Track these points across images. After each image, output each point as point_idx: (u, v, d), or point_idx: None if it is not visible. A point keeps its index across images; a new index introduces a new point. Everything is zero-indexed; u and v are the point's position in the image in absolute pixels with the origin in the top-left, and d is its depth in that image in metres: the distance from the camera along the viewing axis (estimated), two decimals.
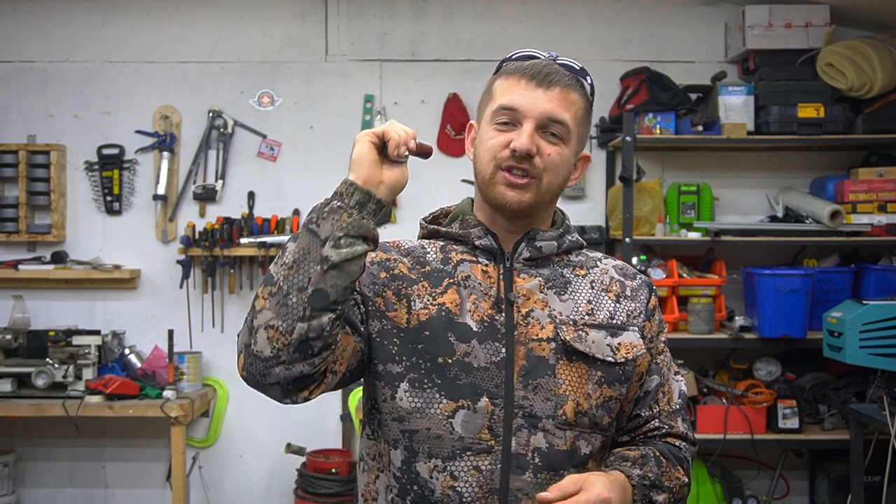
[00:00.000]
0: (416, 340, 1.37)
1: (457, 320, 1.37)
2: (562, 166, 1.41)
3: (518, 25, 4.23)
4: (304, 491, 3.96)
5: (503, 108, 1.40)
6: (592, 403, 1.39)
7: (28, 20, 4.26)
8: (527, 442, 1.35)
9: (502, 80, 1.43)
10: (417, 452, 1.36)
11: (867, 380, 3.69)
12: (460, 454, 1.34)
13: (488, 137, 1.41)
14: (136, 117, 4.25)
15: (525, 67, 1.41)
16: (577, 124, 1.42)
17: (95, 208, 4.26)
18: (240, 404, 4.27)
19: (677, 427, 1.49)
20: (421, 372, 1.36)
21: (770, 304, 3.70)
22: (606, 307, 1.44)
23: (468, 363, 1.35)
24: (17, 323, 4.09)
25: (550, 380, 1.36)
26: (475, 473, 1.34)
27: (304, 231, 1.27)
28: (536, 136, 1.38)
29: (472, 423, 1.34)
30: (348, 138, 4.27)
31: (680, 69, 4.16)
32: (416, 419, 1.36)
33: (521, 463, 1.34)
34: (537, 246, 1.44)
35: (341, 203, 1.27)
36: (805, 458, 4.14)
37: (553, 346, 1.38)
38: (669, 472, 1.42)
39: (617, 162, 4.13)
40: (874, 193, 3.85)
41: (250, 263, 4.19)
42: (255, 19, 4.26)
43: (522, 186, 1.38)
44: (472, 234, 1.44)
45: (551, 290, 1.42)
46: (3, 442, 4.21)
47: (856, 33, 4.05)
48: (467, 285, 1.41)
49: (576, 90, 1.42)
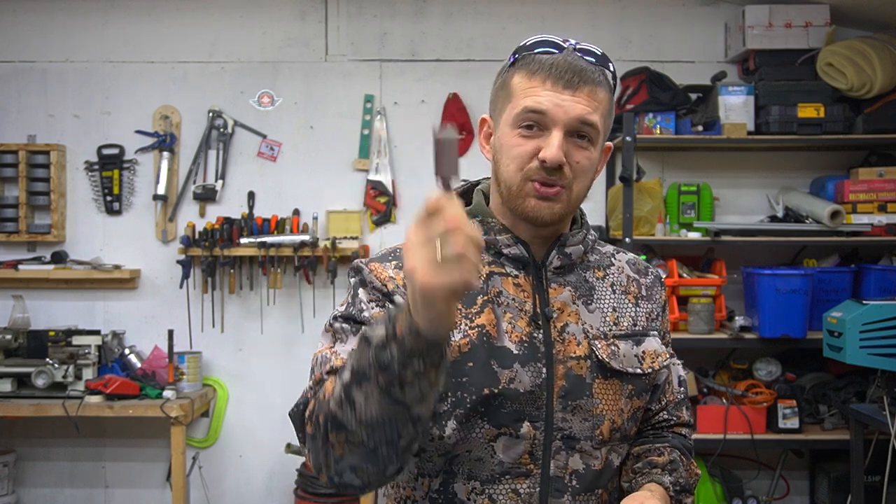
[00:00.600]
0: (461, 374, 1.27)
1: (496, 345, 1.29)
2: (591, 170, 1.33)
3: (518, 25, 4.23)
4: (304, 491, 3.96)
5: (528, 111, 1.28)
6: (625, 418, 1.36)
7: (28, 20, 4.26)
8: (565, 465, 1.31)
9: (523, 77, 1.30)
10: (456, 474, 1.31)
11: (867, 380, 3.69)
12: (500, 478, 1.30)
13: (513, 144, 1.30)
14: (136, 117, 4.25)
15: (550, 66, 1.28)
16: (604, 120, 1.32)
17: (95, 208, 4.26)
18: (240, 404, 4.27)
19: (683, 416, 1.49)
20: (467, 406, 1.28)
21: (770, 304, 3.70)
22: (629, 313, 1.40)
23: (514, 389, 1.28)
24: (17, 323, 4.09)
25: (588, 400, 1.32)
26: (513, 496, 1.30)
27: (383, 395, 1.08)
28: (566, 144, 1.28)
29: (514, 449, 1.29)
30: (348, 138, 4.30)
31: (680, 69, 4.16)
32: (458, 445, 1.30)
33: (559, 486, 1.31)
34: (567, 252, 1.37)
35: (424, 364, 1.07)
36: (805, 458, 4.14)
37: (589, 363, 1.33)
38: (690, 470, 1.43)
39: (617, 162, 4.13)
40: (874, 193, 3.85)
41: (250, 263, 4.19)
42: (255, 19, 4.26)
43: (553, 197, 1.29)
44: (500, 242, 1.35)
45: (580, 301, 1.36)
46: (3, 442, 4.21)
47: (856, 33, 4.05)
48: (500, 302, 1.32)
49: (602, 86, 1.31)
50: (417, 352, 1.06)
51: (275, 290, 4.20)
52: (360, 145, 4.24)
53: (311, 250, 4.08)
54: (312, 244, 4.06)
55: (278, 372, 4.23)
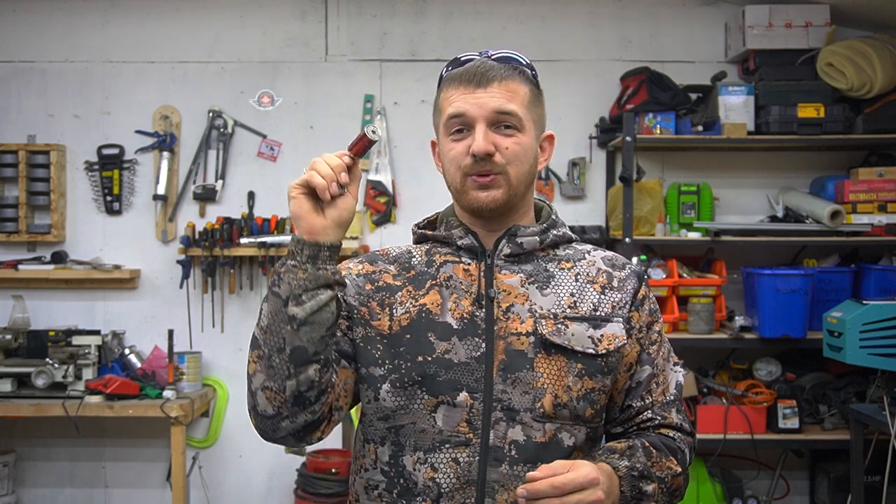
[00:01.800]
0: (398, 344, 1.41)
1: (437, 320, 1.42)
2: (524, 154, 1.44)
3: (518, 25, 4.23)
4: (304, 491, 3.96)
5: (452, 117, 1.44)
6: (573, 396, 1.40)
7: (28, 20, 4.26)
8: (504, 435, 1.37)
9: (444, 91, 1.47)
10: (404, 446, 1.40)
11: (867, 380, 3.69)
12: (440, 446, 1.38)
13: (448, 149, 1.46)
14: (136, 117, 4.25)
15: (460, 73, 1.45)
16: (528, 109, 1.45)
17: (95, 208, 4.26)
18: (240, 404, 4.27)
19: (671, 418, 1.49)
20: (402, 372, 1.40)
21: (770, 304, 3.70)
22: (590, 299, 1.45)
23: (448, 359, 1.39)
24: (17, 323, 4.09)
25: (529, 373, 1.39)
26: (454, 465, 1.37)
27: (269, 294, 1.33)
28: (490, 134, 1.41)
29: (452, 417, 1.38)
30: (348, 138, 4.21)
31: (680, 69, 4.16)
32: (400, 416, 1.40)
33: (498, 455, 1.37)
34: (518, 242, 1.46)
35: (295, 261, 1.33)
36: (805, 458, 4.14)
37: (532, 339, 1.40)
38: (660, 463, 1.42)
39: (617, 162, 4.13)
40: (874, 193, 3.85)
41: (250, 263, 4.19)
42: (255, 19, 4.26)
43: (490, 184, 1.42)
44: (455, 235, 1.48)
45: (533, 285, 1.45)
46: (3, 442, 4.21)
47: (856, 33, 4.05)
48: (449, 285, 1.45)
49: (514, 78, 1.44)
50: (290, 251, 1.34)
51: None
52: None
53: None
54: None
55: None
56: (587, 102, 4.21)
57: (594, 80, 4.20)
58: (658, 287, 3.78)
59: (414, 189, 4.23)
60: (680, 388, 1.53)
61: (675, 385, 1.52)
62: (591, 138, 4.20)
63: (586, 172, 4.22)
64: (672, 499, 1.46)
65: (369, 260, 1.53)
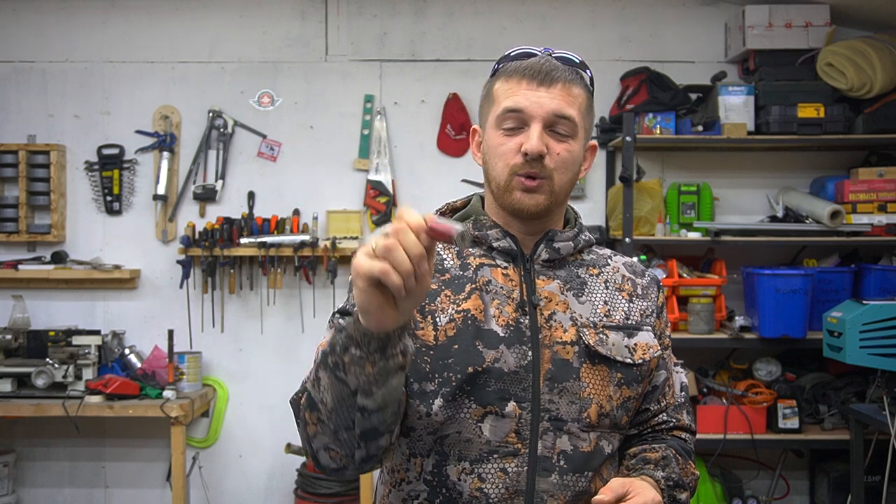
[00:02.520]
0: (447, 355, 1.35)
1: (483, 327, 1.36)
2: (572, 162, 1.41)
3: (518, 25, 4.23)
4: (304, 491, 3.96)
5: (508, 111, 1.38)
6: (614, 405, 1.40)
7: (28, 20, 4.26)
8: (552, 445, 1.35)
9: (502, 82, 1.41)
10: (448, 456, 1.36)
11: (867, 380, 3.70)
12: (487, 457, 1.34)
13: (498, 143, 1.39)
14: (136, 117, 4.25)
15: (524, 67, 1.39)
16: (583, 116, 1.42)
17: (95, 208, 4.26)
18: (240, 404, 4.27)
19: (683, 420, 1.53)
20: (452, 385, 1.34)
21: (770, 304, 3.70)
22: (621, 307, 1.46)
23: (498, 368, 1.35)
24: (17, 323, 4.09)
25: (575, 383, 1.37)
26: (502, 475, 1.34)
27: (332, 376, 1.18)
28: (545, 136, 1.37)
29: (500, 427, 1.34)
30: (348, 138, 4.29)
31: (680, 69, 4.16)
32: (447, 425, 1.36)
33: (546, 465, 1.35)
34: (555, 247, 1.44)
35: (361, 352, 1.15)
36: (805, 458, 4.14)
37: (576, 349, 1.38)
38: (686, 469, 1.46)
39: (617, 162, 4.13)
40: (874, 193, 3.85)
41: (250, 263, 4.19)
42: (255, 19, 4.26)
43: (536, 189, 1.37)
44: (490, 237, 1.43)
45: (570, 292, 1.42)
46: (3, 442, 4.21)
47: (856, 33, 4.05)
48: (489, 290, 1.39)
49: (577, 84, 1.41)
50: (355, 340, 1.15)
51: (275, 290, 4.20)
52: (360, 145, 4.24)
53: (312, 250, 4.08)
54: (312, 244, 4.06)
55: (278, 372, 4.23)
56: None
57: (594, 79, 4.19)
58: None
59: (414, 189, 4.23)
60: (686, 388, 1.56)
61: (680, 386, 1.55)
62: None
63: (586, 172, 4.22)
64: None
65: None
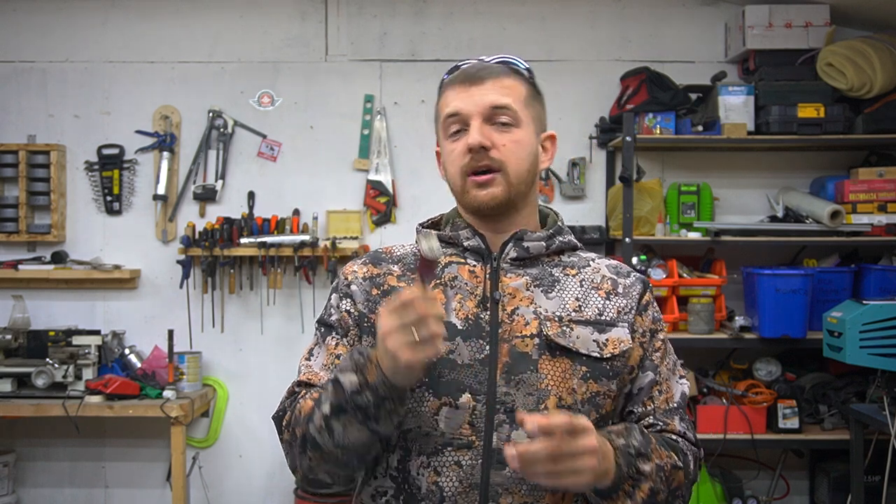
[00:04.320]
0: None
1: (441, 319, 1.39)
2: (522, 150, 1.44)
3: (518, 25, 4.23)
4: (304, 491, 3.96)
5: (448, 117, 1.45)
6: (578, 399, 1.39)
7: (28, 20, 4.26)
8: (508, 437, 1.35)
9: (442, 97, 1.49)
10: (410, 451, 1.39)
11: (867, 380, 3.69)
12: (442, 450, 1.36)
13: (448, 150, 1.46)
14: (136, 117, 4.25)
15: (454, 76, 1.48)
16: (525, 105, 1.45)
17: (95, 208, 4.26)
18: (240, 404, 4.27)
19: (673, 425, 1.47)
20: None
21: (770, 304, 3.70)
22: (595, 304, 1.45)
23: (452, 360, 1.37)
24: (17, 323, 4.09)
25: (533, 375, 1.37)
26: (456, 468, 1.35)
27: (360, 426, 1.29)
28: (486, 129, 1.42)
29: (454, 419, 1.36)
30: (348, 138, 4.29)
31: (680, 69, 4.16)
32: (408, 419, 1.38)
33: (501, 458, 1.33)
34: (524, 246, 1.46)
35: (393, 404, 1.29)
36: (805, 458, 4.13)
37: (536, 341, 1.39)
38: (659, 451, 1.38)
39: (617, 162, 4.13)
40: (874, 193, 3.85)
41: (250, 263, 4.19)
42: (255, 19, 4.26)
43: (488, 182, 1.42)
44: (461, 236, 1.47)
45: (538, 289, 1.44)
46: (3, 442, 4.21)
47: (856, 33, 4.05)
48: (454, 285, 1.43)
49: (508, 76, 1.45)
50: (389, 397, 1.27)
51: (275, 290, 4.20)
52: (360, 145, 4.24)
53: (312, 250, 4.08)
54: (312, 244, 4.06)
55: (278, 372, 4.22)
56: (587, 102, 4.21)
57: (594, 80, 4.20)
58: (658, 287, 3.78)
59: (414, 189, 4.23)
60: (685, 398, 1.51)
61: (679, 395, 1.50)
62: (591, 138, 4.20)
63: (586, 172, 4.22)
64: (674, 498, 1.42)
65: (373, 261, 1.51)
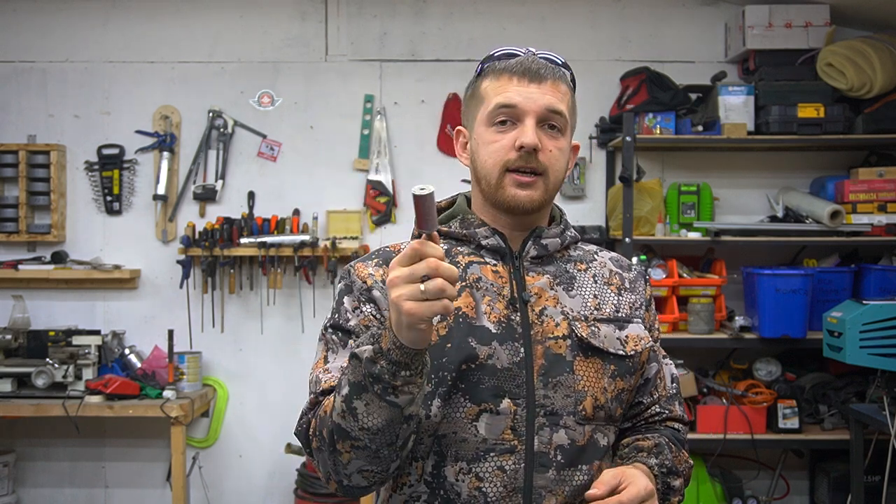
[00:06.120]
0: (441, 355, 1.35)
1: (475, 324, 1.37)
2: (563, 158, 1.43)
3: (518, 25, 4.23)
4: (304, 491, 3.96)
5: (501, 107, 1.38)
6: (608, 397, 1.41)
7: (28, 20, 4.26)
8: (549, 440, 1.35)
9: (491, 80, 1.42)
10: (446, 456, 1.36)
11: (867, 380, 3.69)
12: (484, 455, 1.34)
13: (490, 140, 1.39)
14: (136, 117, 4.25)
15: (513, 65, 1.40)
16: (570, 114, 1.44)
17: (95, 208, 4.26)
18: (240, 404, 4.27)
19: (675, 410, 1.54)
20: (448, 384, 1.34)
21: (770, 304, 3.70)
22: (611, 301, 1.46)
23: (492, 365, 1.35)
24: (17, 323, 4.09)
25: (569, 376, 1.38)
26: (500, 473, 1.34)
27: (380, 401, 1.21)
28: (538, 131, 1.38)
29: (495, 425, 1.34)
30: (348, 138, 4.30)
31: (680, 69, 4.16)
32: (443, 425, 1.36)
33: (544, 461, 1.35)
34: (543, 244, 1.45)
35: (412, 371, 1.20)
36: (805, 458, 4.13)
37: (569, 342, 1.39)
38: (679, 457, 1.46)
39: (617, 162, 4.13)
40: (874, 193, 3.85)
41: (250, 263, 4.19)
42: (255, 19, 4.26)
43: (531, 184, 1.38)
44: (479, 234, 1.44)
45: (560, 287, 1.43)
46: (3, 442, 4.21)
47: (856, 33, 4.05)
48: (479, 287, 1.40)
49: (564, 81, 1.43)
50: (404, 363, 1.19)
51: (275, 290, 4.20)
52: (360, 145, 4.24)
53: (312, 250, 4.08)
54: (312, 244, 4.06)
55: (278, 372, 4.23)
56: (587, 102, 4.20)
57: (594, 80, 4.20)
58: (658, 287, 3.78)
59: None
60: (676, 379, 1.57)
61: (671, 377, 1.56)
62: (591, 138, 4.20)
63: (586, 172, 4.22)
64: None
65: (385, 261, 1.44)
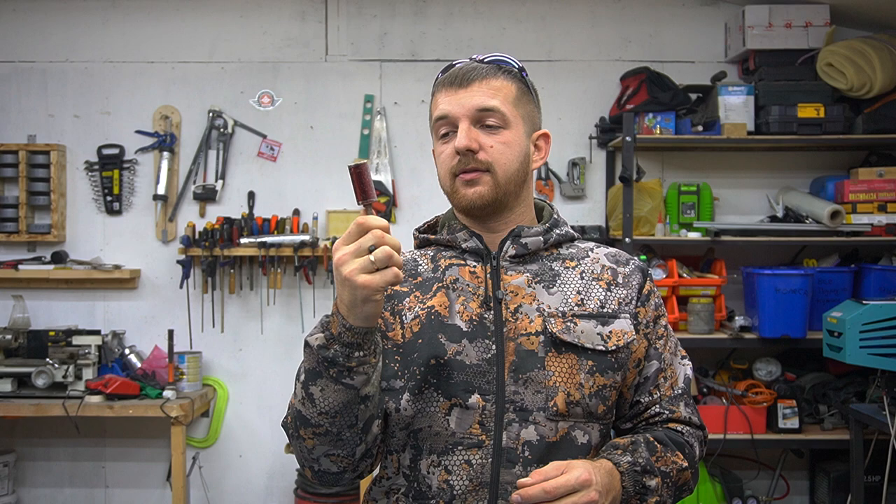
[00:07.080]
0: (412, 351, 1.40)
1: (446, 322, 1.41)
2: (511, 151, 1.44)
3: (518, 25, 4.23)
4: (304, 491, 3.96)
5: (438, 120, 1.45)
6: (585, 393, 1.40)
7: (28, 20, 4.26)
8: (517, 436, 1.37)
9: (433, 98, 1.49)
10: (421, 450, 1.40)
11: (867, 380, 3.70)
12: (453, 449, 1.38)
13: (439, 152, 1.47)
14: (136, 117, 4.25)
15: (444, 78, 1.47)
16: (514, 105, 1.45)
17: (95, 208, 4.26)
18: (240, 404, 4.27)
19: (679, 412, 1.50)
20: (417, 378, 1.39)
21: (770, 304, 3.70)
22: (597, 296, 1.46)
23: (460, 361, 1.38)
24: (17, 323, 4.09)
25: (540, 372, 1.39)
26: (466, 467, 1.37)
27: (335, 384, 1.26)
28: (474, 132, 1.42)
29: (464, 419, 1.37)
30: (348, 138, 4.30)
31: (680, 69, 4.16)
32: (419, 419, 1.40)
33: (511, 457, 1.36)
34: (523, 243, 1.47)
35: (365, 351, 1.26)
36: (805, 458, 4.14)
37: (542, 339, 1.40)
38: (665, 457, 1.42)
39: (617, 162, 4.13)
40: (874, 193, 3.85)
41: (250, 263, 4.19)
42: (255, 19, 4.26)
43: (476, 180, 1.43)
44: (459, 238, 1.49)
45: (539, 285, 1.45)
46: (3, 442, 4.21)
47: (856, 33, 4.05)
48: (456, 287, 1.44)
49: (497, 76, 1.45)
50: (356, 343, 1.25)
51: (275, 290, 4.20)
52: (360, 145, 4.24)
53: (312, 250, 4.08)
54: (312, 244, 4.06)
55: (278, 372, 4.23)
56: (587, 102, 4.21)
57: (594, 80, 4.20)
58: (658, 287, 3.76)
59: (414, 189, 4.23)
60: (688, 381, 1.54)
61: (682, 379, 1.53)
62: (591, 138, 4.20)
63: (586, 172, 4.22)
64: (679, 493, 1.46)
65: None
